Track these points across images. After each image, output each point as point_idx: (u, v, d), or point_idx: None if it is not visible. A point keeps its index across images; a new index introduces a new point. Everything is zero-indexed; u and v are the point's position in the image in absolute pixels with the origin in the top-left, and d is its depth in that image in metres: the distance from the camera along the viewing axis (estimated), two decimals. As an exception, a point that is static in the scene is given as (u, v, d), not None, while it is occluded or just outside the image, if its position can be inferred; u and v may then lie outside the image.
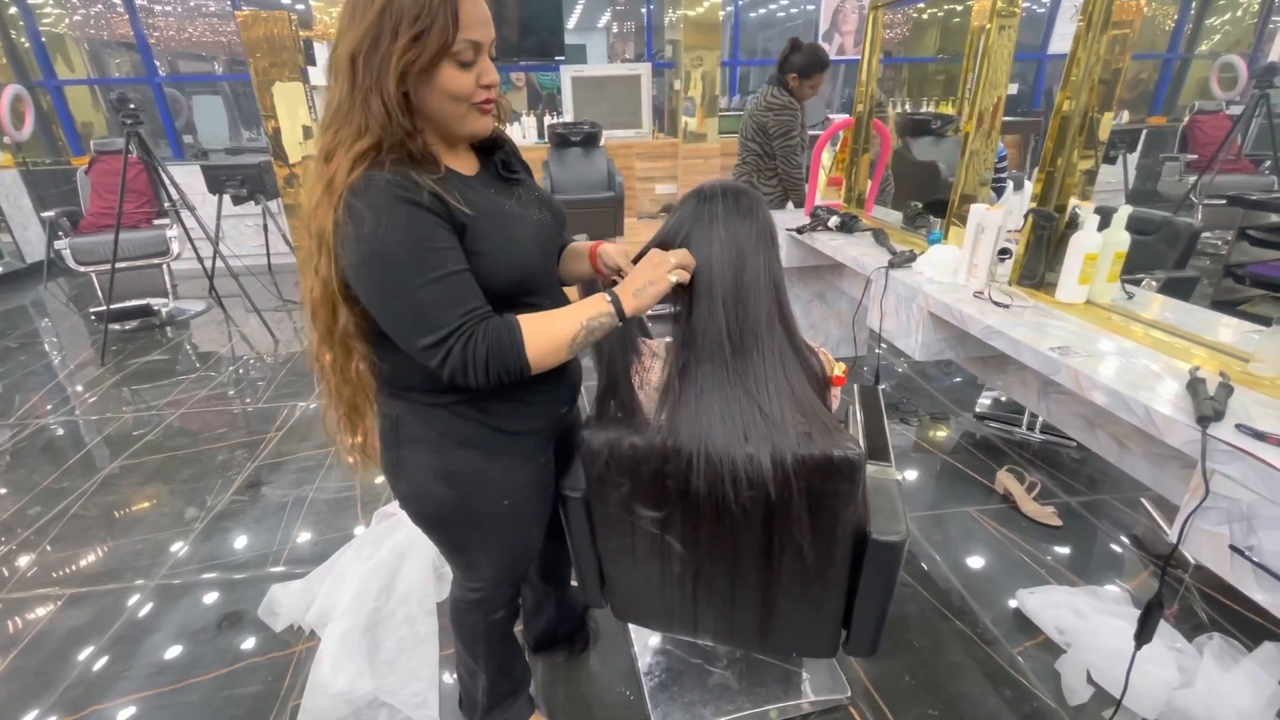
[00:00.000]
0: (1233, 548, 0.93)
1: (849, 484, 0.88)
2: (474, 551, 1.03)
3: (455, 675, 1.31)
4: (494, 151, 0.91)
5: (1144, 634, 1.05)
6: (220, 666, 1.52)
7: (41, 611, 1.70)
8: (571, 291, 1.04)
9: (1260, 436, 0.89)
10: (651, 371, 1.00)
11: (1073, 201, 1.51)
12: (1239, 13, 6.30)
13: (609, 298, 0.83)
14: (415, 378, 0.87)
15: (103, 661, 1.54)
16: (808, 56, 2.65)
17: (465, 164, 0.88)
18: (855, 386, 1.40)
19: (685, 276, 0.87)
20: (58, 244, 3.69)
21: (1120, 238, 1.39)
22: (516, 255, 0.85)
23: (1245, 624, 1.51)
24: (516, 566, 1.10)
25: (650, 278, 0.84)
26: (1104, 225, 1.40)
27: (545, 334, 0.80)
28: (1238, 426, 0.92)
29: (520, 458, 0.97)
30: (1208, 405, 0.94)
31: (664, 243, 0.93)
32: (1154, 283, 1.70)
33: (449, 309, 0.76)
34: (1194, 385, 1.01)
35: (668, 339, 0.98)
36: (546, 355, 0.81)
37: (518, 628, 1.31)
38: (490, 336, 0.77)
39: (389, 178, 0.74)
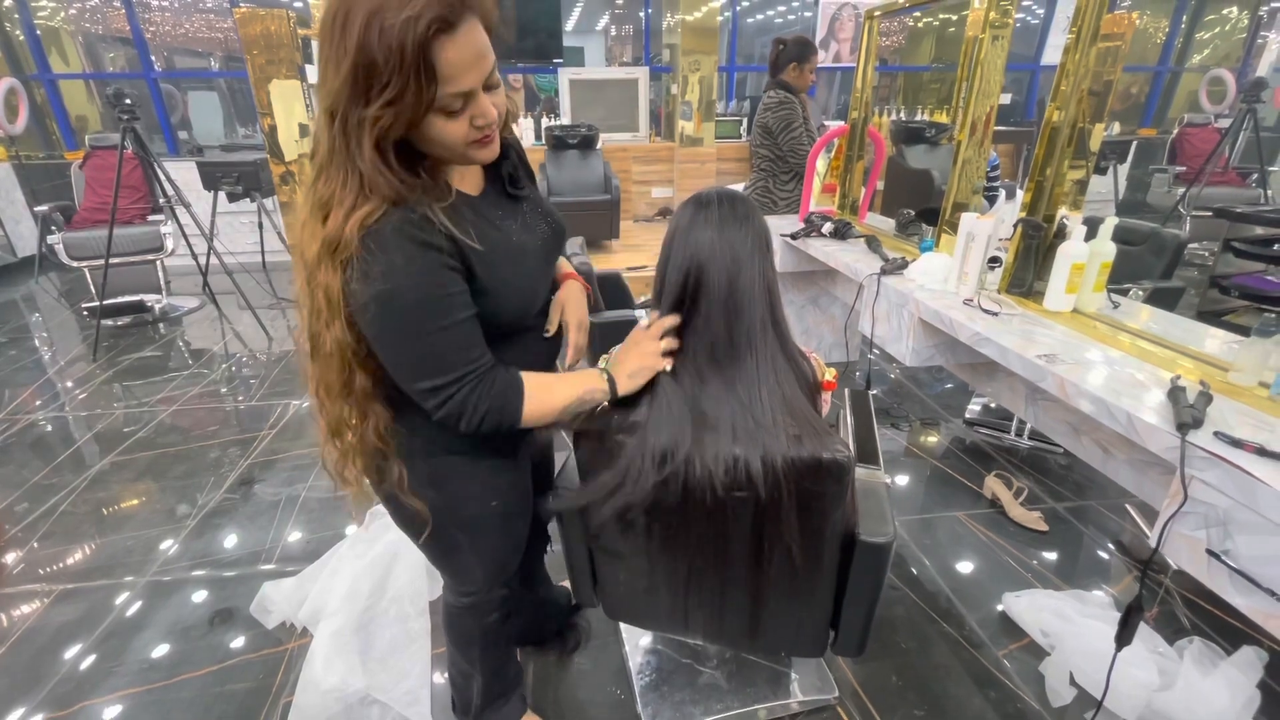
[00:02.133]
0: (1210, 552, 0.95)
1: (838, 486, 0.89)
2: (464, 556, 1.04)
3: (447, 676, 1.32)
4: (500, 163, 0.87)
5: (1124, 636, 1.08)
6: (212, 663, 1.52)
7: (30, 608, 1.70)
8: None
9: (1237, 444, 0.92)
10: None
11: (1061, 211, 1.54)
12: (1228, 27, 6.39)
13: (606, 377, 0.90)
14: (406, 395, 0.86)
15: (92, 658, 1.54)
16: (797, 43, 2.70)
17: (472, 179, 0.87)
18: (846, 391, 1.42)
19: (674, 344, 0.92)
20: (50, 239, 3.67)
21: (1106, 248, 1.41)
22: (524, 289, 0.87)
23: (1225, 628, 1.54)
24: (507, 568, 1.10)
25: (642, 364, 0.90)
26: (1091, 235, 1.43)
27: (543, 400, 0.85)
28: (1216, 434, 0.95)
29: (504, 460, 1.00)
30: (1187, 413, 0.97)
31: (663, 250, 0.94)
32: (1140, 292, 1.73)
33: (454, 356, 0.78)
34: (1175, 393, 1.03)
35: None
36: (536, 418, 0.86)
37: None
38: (495, 391, 0.80)
39: (402, 215, 0.72)
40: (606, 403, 0.90)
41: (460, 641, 1.18)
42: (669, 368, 0.91)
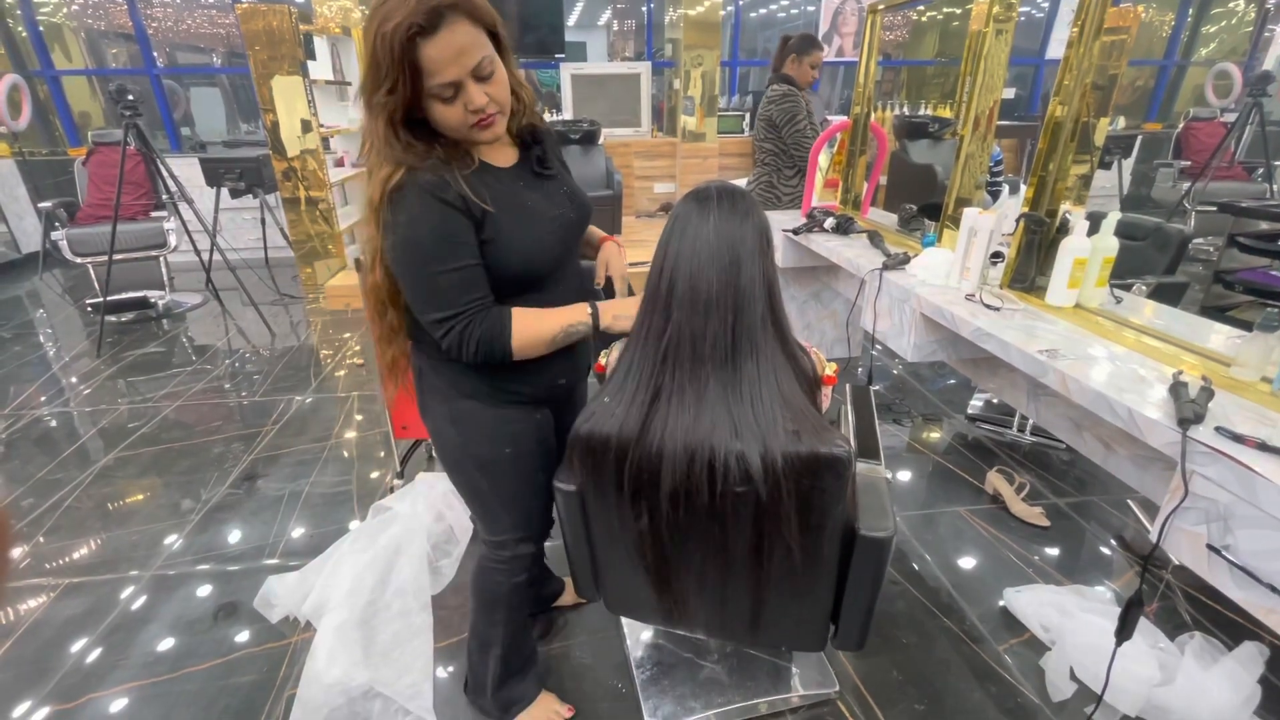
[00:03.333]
0: (1210, 547, 0.95)
1: (838, 481, 0.90)
2: (488, 499, 1.13)
3: (465, 656, 1.34)
4: (533, 146, 1.02)
5: (1124, 631, 1.08)
6: (216, 657, 1.53)
7: (36, 602, 1.71)
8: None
9: (1238, 439, 0.92)
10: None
11: (1064, 206, 1.54)
12: (1234, 21, 6.34)
13: (590, 309, 0.99)
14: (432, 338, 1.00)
15: (98, 651, 1.55)
16: (799, 37, 2.70)
17: (504, 155, 1.01)
18: (848, 387, 1.42)
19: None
20: (54, 235, 3.68)
21: (1109, 243, 1.41)
22: (526, 248, 0.97)
23: (1226, 623, 1.54)
24: (531, 520, 1.16)
25: (630, 312, 0.98)
26: (1094, 231, 1.42)
27: (530, 330, 0.96)
28: (1218, 429, 0.94)
29: (517, 410, 1.07)
30: (1188, 408, 0.96)
31: (661, 244, 0.94)
32: (1143, 288, 1.72)
33: (458, 295, 0.92)
34: (1176, 389, 1.03)
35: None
36: (528, 347, 0.97)
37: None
38: (485, 324, 0.93)
39: (425, 179, 0.88)
40: (591, 335, 0.99)
41: (486, 600, 1.23)
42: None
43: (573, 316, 0.99)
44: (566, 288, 1.06)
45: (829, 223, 2.32)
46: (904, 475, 2.22)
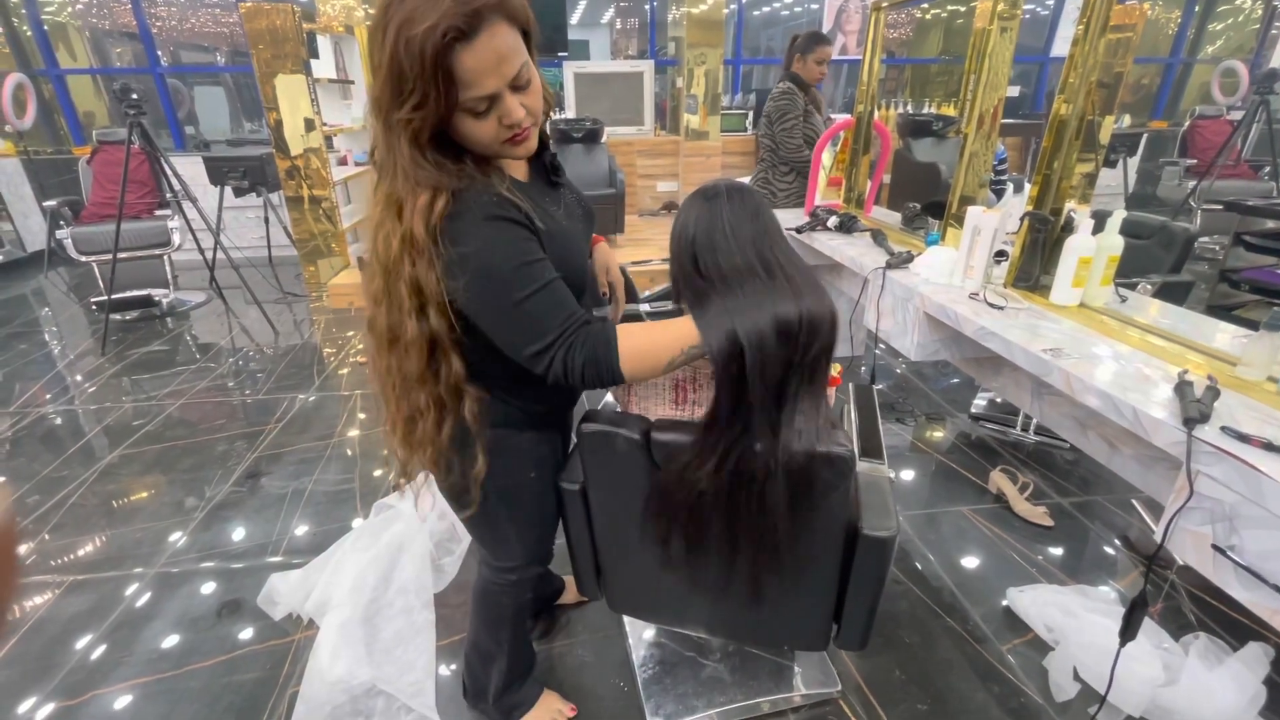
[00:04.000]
0: (1215, 547, 0.94)
1: (841, 480, 0.89)
2: (504, 529, 1.08)
3: (464, 661, 1.35)
4: (543, 152, 0.93)
5: (1128, 631, 1.07)
6: (219, 654, 1.54)
7: (41, 598, 1.72)
8: None
9: (1244, 439, 0.91)
10: None
11: (1068, 204, 1.53)
12: (1241, 18, 6.30)
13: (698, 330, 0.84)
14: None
15: (103, 648, 1.56)
16: (806, 35, 2.71)
17: (520, 169, 0.91)
18: (851, 386, 1.41)
19: None
20: (59, 233, 3.69)
21: (1113, 241, 1.40)
22: (575, 271, 0.90)
23: (1231, 624, 1.53)
24: (543, 543, 1.14)
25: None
26: (1098, 229, 1.41)
27: (644, 351, 0.82)
28: (1223, 429, 0.94)
29: (542, 433, 1.03)
30: (1194, 408, 0.96)
31: (672, 242, 0.94)
32: (1148, 286, 1.71)
33: (551, 318, 0.80)
34: (1181, 388, 1.02)
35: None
36: (642, 372, 0.83)
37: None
38: (588, 348, 0.80)
39: (479, 198, 0.77)
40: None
41: (490, 620, 1.21)
42: None
43: (688, 337, 0.82)
44: (587, 301, 1.02)
45: (832, 221, 2.31)
46: (907, 474, 2.21)
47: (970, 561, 1.79)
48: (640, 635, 1.54)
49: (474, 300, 0.79)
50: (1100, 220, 1.41)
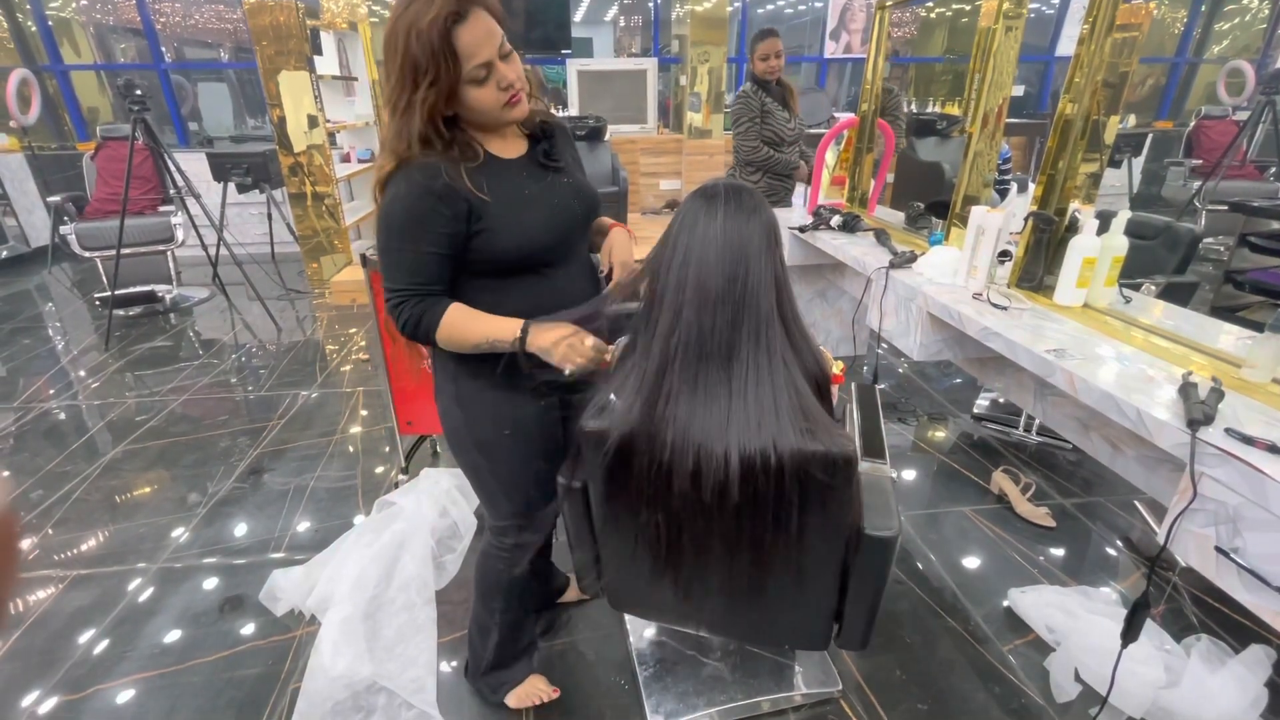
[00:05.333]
0: (1219, 549, 0.94)
1: (843, 480, 0.89)
2: (488, 480, 1.16)
3: (467, 643, 1.38)
4: (543, 139, 1.06)
5: (1130, 633, 1.07)
6: (221, 649, 1.54)
7: (45, 593, 1.72)
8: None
9: (1248, 441, 0.91)
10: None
11: (1073, 205, 1.52)
12: (1248, 18, 6.27)
13: (522, 329, 0.97)
14: None
15: (105, 643, 1.57)
16: (754, 33, 2.70)
17: (512, 147, 1.04)
18: (853, 385, 1.41)
19: (584, 367, 0.97)
20: (63, 229, 3.70)
21: (1118, 242, 1.39)
22: (518, 235, 1.00)
23: (1233, 626, 1.53)
24: (532, 508, 1.17)
25: (563, 349, 0.96)
26: (1103, 229, 1.41)
27: (457, 330, 0.99)
28: (1227, 431, 0.94)
29: (515, 394, 1.08)
30: (1198, 409, 0.95)
31: (665, 241, 0.94)
32: (1153, 287, 1.71)
33: (404, 275, 0.97)
34: (1185, 389, 1.02)
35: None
36: (450, 342, 1.00)
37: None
38: (415, 311, 0.98)
39: (418, 164, 0.93)
40: (517, 349, 0.98)
41: (487, 588, 1.26)
42: (569, 371, 0.96)
43: (500, 331, 0.98)
44: (572, 275, 1.10)
45: (835, 220, 2.31)
46: (909, 474, 2.21)
47: (972, 562, 1.79)
48: (641, 633, 1.54)
49: (376, 234, 0.98)
50: (1105, 221, 1.40)
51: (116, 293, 3.52)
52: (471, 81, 0.91)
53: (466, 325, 0.99)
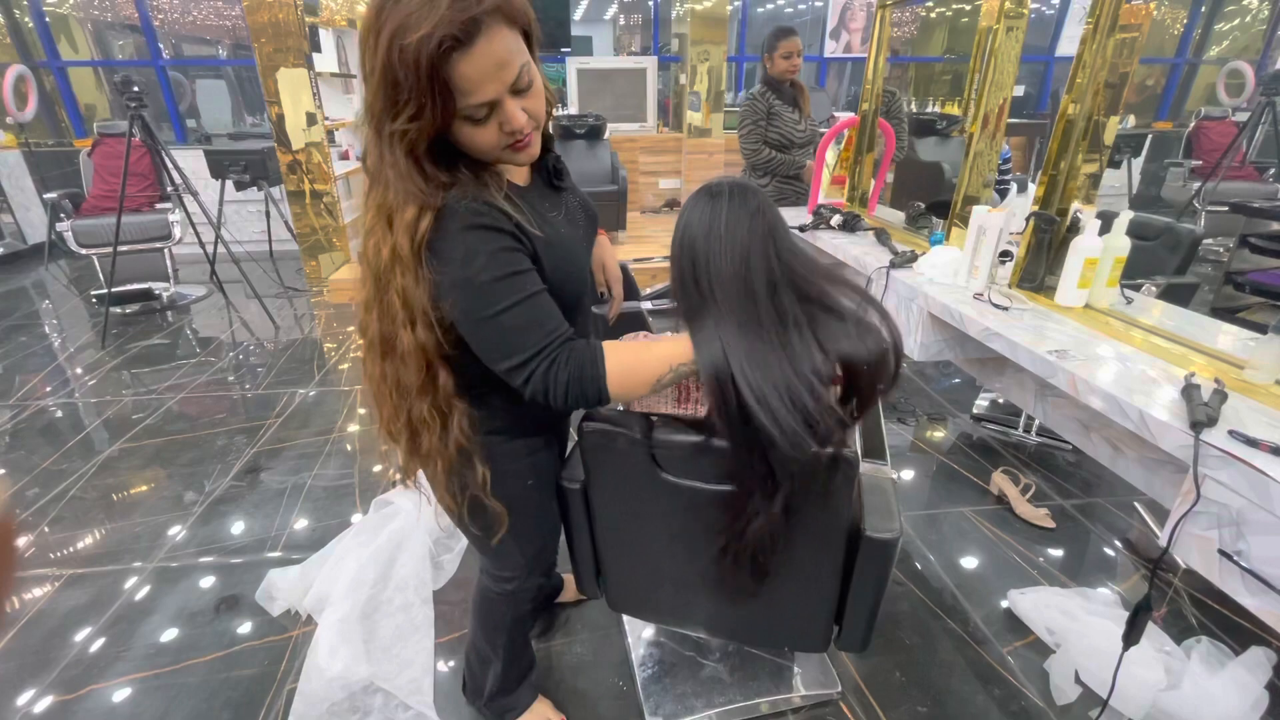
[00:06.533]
0: (1221, 552, 0.94)
1: (844, 482, 0.89)
2: (505, 538, 1.02)
3: (464, 659, 1.35)
4: (545, 155, 0.91)
5: (1132, 635, 1.07)
6: (217, 649, 1.53)
7: (40, 591, 1.71)
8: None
9: (1252, 443, 0.90)
10: None
11: (1074, 205, 1.52)
12: (1248, 19, 6.27)
13: (692, 348, 0.82)
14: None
15: (101, 642, 1.56)
16: (771, 31, 2.68)
17: (520, 173, 0.89)
18: (853, 385, 1.40)
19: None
20: (59, 226, 3.69)
21: (1120, 243, 1.39)
22: (576, 279, 0.89)
23: (1233, 628, 1.52)
24: (543, 555, 1.12)
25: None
26: (1105, 230, 1.40)
27: (631, 369, 0.80)
28: (1230, 433, 0.93)
29: (539, 439, 1.01)
30: (1201, 411, 0.95)
31: (673, 244, 0.92)
32: (1153, 288, 1.70)
33: (532, 332, 0.78)
34: (1188, 391, 1.02)
35: (668, 334, 0.99)
36: (629, 391, 0.81)
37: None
38: (572, 364, 0.78)
39: (467, 206, 0.75)
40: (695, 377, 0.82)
41: (488, 627, 1.20)
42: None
43: (677, 355, 0.80)
44: (586, 304, 1.01)
45: (836, 220, 2.30)
46: (908, 475, 2.21)
47: (971, 563, 1.79)
48: (640, 634, 1.54)
49: (456, 310, 0.77)
50: (1107, 221, 1.40)
51: (113, 290, 3.50)
52: (466, 120, 0.72)
53: (641, 364, 0.80)
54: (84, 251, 3.68)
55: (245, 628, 1.60)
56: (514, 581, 1.11)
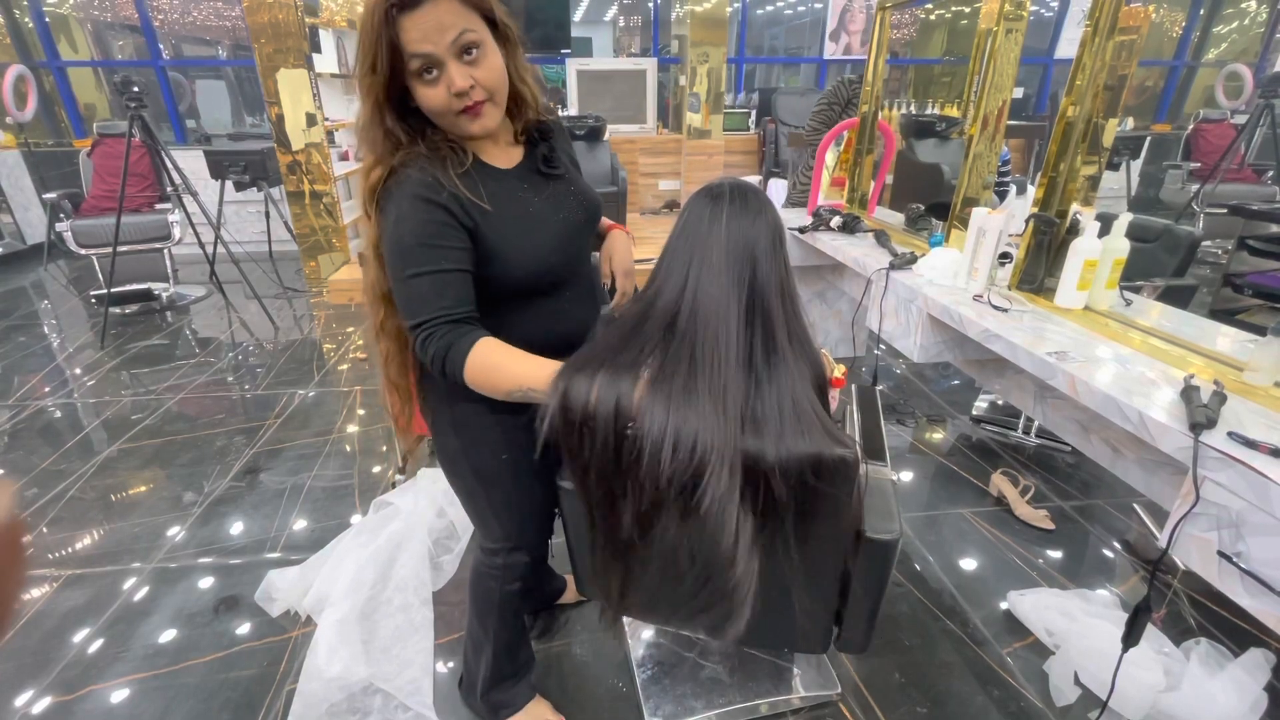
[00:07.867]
0: (1221, 554, 0.94)
1: (845, 483, 0.89)
2: (482, 505, 1.11)
3: (462, 653, 1.35)
4: (540, 143, 0.98)
5: (1131, 637, 1.07)
6: (216, 650, 1.53)
7: (39, 592, 1.71)
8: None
9: (1252, 445, 0.90)
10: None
11: (1074, 207, 1.52)
12: (1246, 21, 6.29)
13: (555, 383, 0.83)
14: None
15: (100, 642, 1.55)
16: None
17: (507, 156, 0.96)
18: (853, 387, 1.41)
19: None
20: (59, 226, 3.69)
21: (1120, 244, 1.39)
22: (531, 255, 0.93)
23: (1232, 630, 1.53)
24: (525, 531, 1.14)
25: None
26: (1104, 232, 1.41)
27: (488, 373, 0.86)
28: (1230, 434, 0.93)
29: (517, 417, 1.01)
30: (1201, 413, 0.95)
31: (671, 237, 0.93)
32: (1153, 290, 1.70)
33: (429, 302, 0.86)
34: (1188, 393, 1.02)
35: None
36: (485, 389, 0.88)
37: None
38: (444, 343, 0.86)
39: (413, 177, 0.84)
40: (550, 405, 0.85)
41: (480, 604, 1.22)
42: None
43: (535, 381, 0.84)
44: (579, 294, 1.03)
45: (835, 221, 2.30)
46: (907, 476, 2.21)
47: (970, 564, 1.79)
48: (639, 635, 1.54)
49: (386, 263, 0.88)
50: (1106, 223, 1.40)
51: (113, 290, 3.50)
52: (416, 78, 0.82)
53: (501, 366, 0.85)
54: (83, 252, 3.68)
55: (244, 628, 1.59)
56: (500, 554, 1.14)
